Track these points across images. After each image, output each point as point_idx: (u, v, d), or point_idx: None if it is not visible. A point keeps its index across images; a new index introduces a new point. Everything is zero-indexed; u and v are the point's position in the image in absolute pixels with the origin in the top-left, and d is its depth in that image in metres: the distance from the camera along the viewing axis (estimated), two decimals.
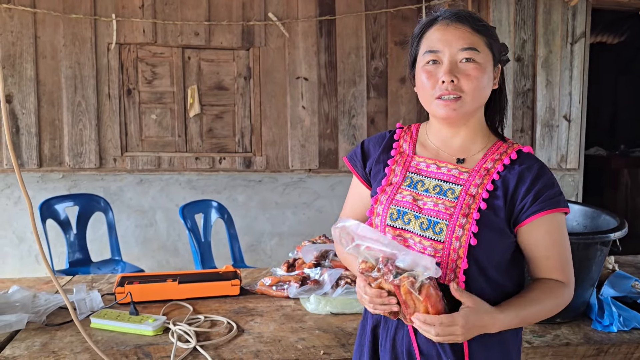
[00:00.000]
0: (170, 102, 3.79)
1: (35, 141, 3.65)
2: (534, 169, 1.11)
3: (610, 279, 1.83)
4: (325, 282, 1.80)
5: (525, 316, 1.08)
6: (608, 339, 1.54)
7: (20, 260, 3.72)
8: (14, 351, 1.41)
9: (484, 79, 1.09)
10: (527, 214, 1.08)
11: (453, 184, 1.12)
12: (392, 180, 1.18)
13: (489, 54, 1.10)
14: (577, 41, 4.02)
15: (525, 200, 1.09)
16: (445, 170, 1.15)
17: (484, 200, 1.09)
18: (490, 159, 1.15)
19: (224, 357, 1.40)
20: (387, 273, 1.00)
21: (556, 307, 1.11)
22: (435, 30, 1.10)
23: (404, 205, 1.13)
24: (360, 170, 1.26)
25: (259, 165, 3.86)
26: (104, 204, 3.41)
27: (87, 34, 3.64)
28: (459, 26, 1.08)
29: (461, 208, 1.09)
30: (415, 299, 1.00)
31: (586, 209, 1.87)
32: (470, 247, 1.06)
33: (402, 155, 1.21)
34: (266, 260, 3.91)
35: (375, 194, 1.19)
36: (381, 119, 3.96)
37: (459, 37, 1.08)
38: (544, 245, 1.11)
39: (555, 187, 1.11)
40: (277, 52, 3.83)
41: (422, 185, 1.15)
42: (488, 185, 1.11)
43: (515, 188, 1.10)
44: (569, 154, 4.09)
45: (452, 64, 1.08)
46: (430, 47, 1.10)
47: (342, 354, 1.43)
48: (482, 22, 1.12)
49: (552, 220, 1.10)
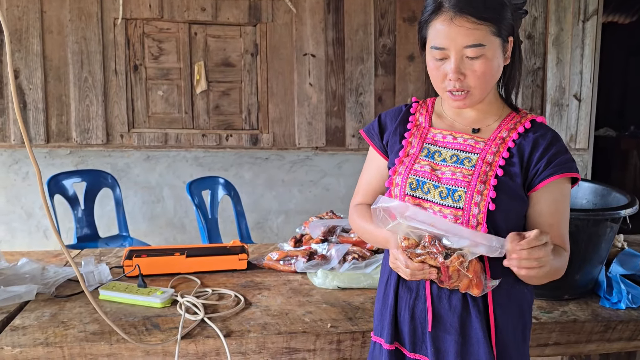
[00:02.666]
0: (177, 79, 3.77)
1: (43, 117, 3.65)
2: (548, 136, 1.15)
3: (619, 256, 1.82)
4: (333, 257, 1.80)
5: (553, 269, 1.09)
6: (616, 315, 1.54)
7: (29, 235, 3.75)
8: (23, 321, 1.42)
9: (492, 69, 1.10)
10: (541, 177, 1.12)
11: (470, 153, 1.15)
12: (409, 152, 1.20)
13: (497, 40, 1.08)
14: (589, 19, 3.95)
15: (540, 165, 1.12)
16: (462, 140, 1.17)
17: (501, 167, 1.12)
18: (505, 128, 1.17)
19: (232, 329, 1.40)
20: (436, 253, 1.03)
21: (561, 269, 1.13)
22: (441, 22, 1.08)
23: (423, 174, 1.15)
24: (378, 143, 1.27)
25: (265, 142, 3.85)
26: (111, 180, 3.42)
27: (93, 8, 3.60)
28: (462, 20, 1.05)
29: (479, 175, 1.11)
30: (463, 275, 1.03)
31: (596, 186, 1.86)
32: (489, 212, 1.09)
33: (418, 127, 1.23)
34: (273, 238, 3.92)
35: (392, 165, 1.21)
36: (389, 96, 3.93)
37: (463, 34, 1.06)
38: (549, 213, 1.13)
39: (568, 154, 1.14)
40: (284, 28, 3.78)
41: (439, 155, 1.17)
42: (504, 153, 1.14)
43: (530, 154, 1.13)
44: (578, 134, 4.06)
45: (459, 60, 1.08)
46: (436, 42, 1.09)
47: (349, 327, 1.43)
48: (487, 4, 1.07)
49: (561, 187, 1.13)
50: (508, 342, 1.13)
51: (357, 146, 3.91)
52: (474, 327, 1.11)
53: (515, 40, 1.14)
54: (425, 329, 1.15)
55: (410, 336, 1.17)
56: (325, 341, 1.40)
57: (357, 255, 1.80)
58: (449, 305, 1.13)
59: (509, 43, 1.13)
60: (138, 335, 1.36)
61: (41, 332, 1.36)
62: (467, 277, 1.04)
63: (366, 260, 1.80)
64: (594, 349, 1.55)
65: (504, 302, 1.13)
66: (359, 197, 1.33)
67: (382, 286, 1.25)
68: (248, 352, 1.38)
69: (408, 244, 1.06)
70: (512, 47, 1.14)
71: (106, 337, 1.34)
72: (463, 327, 1.12)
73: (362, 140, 3.88)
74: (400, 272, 1.10)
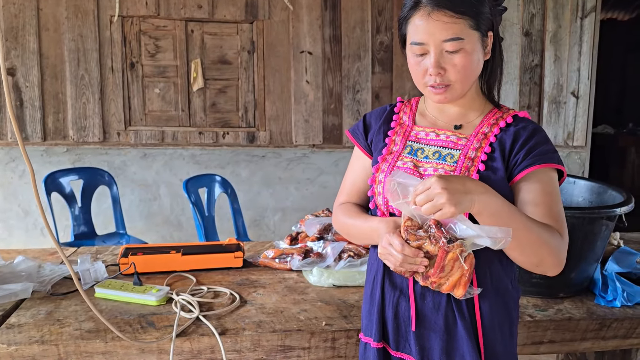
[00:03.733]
0: (174, 76, 3.76)
1: (39, 115, 3.64)
2: (529, 128, 1.15)
3: (614, 254, 1.83)
4: (328, 254, 1.80)
5: (512, 215, 1.03)
6: (611, 313, 1.54)
7: (26, 233, 3.75)
8: (19, 319, 1.42)
9: (472, 63, 1.10)
10: (520, 167, 1.11)
11: (452, 150, 1.16)
12: (392, 149, 1.21)
13: (476, 33, 1.09)
14: (587, 15, 3.94)
15: (519, 155, 1.11)
16: (444, 137, 1.18)
17: (483, 162, 1.12)
18: (487, 123, 1.18)
19: (227, 327, 1.40)
20: (439, 236, 1.01)
21: (548, 243, 1.05)
22: (419, 17, 1.09)
23: (405, 171, 1.15)
24: (363, 142, 1.29)
25: (262, 140, 3.85)
26: (108, 177, 3.41)
27: (90, 6, 3.59)
28: (440, 15, 1.06)
29: (460, 170, 1.11)
30: (458, 266, 1.01)
31: (592, 184, 1.86)
32: None
33: (402, 126, 1.24)
34: (269, 235, 3.92)
35: (376, 162, 1.22)
36: (386, 94, 3.92)
37: (441, 28, 1.06)
38: (533, 194, 1.09)
39: (549, 145, 1.13)
40: (281, 25, 3.78)
41: (422, 153, 1.18)
42: (486, 148, 1.14)
43: (511, 146, 1.13)
44: (576, 131, 4.05)
45: (438, 54, 1.08)
46: (415, 38, 1.10)
47: (344, 325, 1.43)
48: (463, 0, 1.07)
49: (544, 175, 1.11)
50: (494, 338, 1.13)
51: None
52: (459, 324, 1.11)
53: (495, 36, 1.15)
54: (408, 327, 1.14)
55: (394, 334, 1.17)
56: (320, 339, 1.41)
57: (352, 253, 1.80)
58: (433, 303, 1.12)
59: (488, 38, 1.13)
60: (133, 333, 1.36)
61: (37, 330, 1.36)
62: (460, 271, 1.02)
63: (362, 258, 1.80)
64: (589, 347, 1.55)
65: (490, 298, 1.12)
66: (343, 196, 1.33)
67: (368, 285, 1.24)
68: (243, 350, 1.38)
69: (411, 224, 1.04)
70: (492, 42, 1.14)
71: (101, 335, 1.34)
72: (448, 324, 1.11)
73: None
74: (389, 261, 1.07)
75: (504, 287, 1.15)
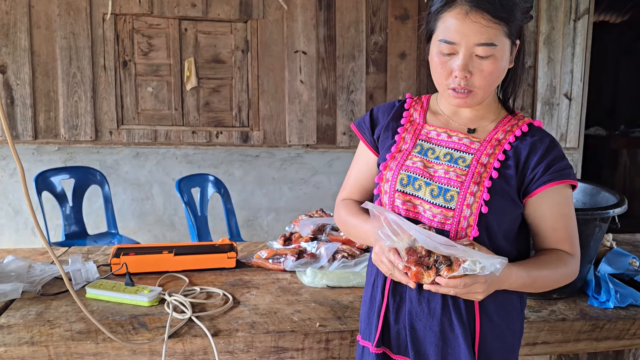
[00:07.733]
0: (167, 75, 3.74)
1: (30, 113, 3.61)
2: (546, 141, 1.12)
3: (607, 256, 1.83)
4: (322, 255, 1.79)
5: (536, 277, 1.09)
6: (604, 315, 1.54)
7: (17, 233, 3.71)
8: (9, 320, 1.40)
9: (499, 71, 1.07)
10: (538, 183, 1.09)
11: (464, 153, 1.13)
12: (401, 147, 1.18)
13: (507, 41, 1.06)
14: (580, 17, 3.96)
15: (537, 170, 1.09)
16: (456, 139, 1.15)
17: (496, 169, 1.10)
18: (502, 130, 1.15)
19: (220, 328, 1.39)
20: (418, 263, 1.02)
21: (565, 277, 1.12)
22: (454, 15, 1.04)
23: (414, 170, 1.12)
24: (369, 137, 1.25)
25: (256, 140, 3.83)
26: (100, 177, 3.39)
27: (82, 3, 3.56)
28: (478, 16, 1.02)
29: (472, 176, 1.09)
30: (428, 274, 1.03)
31: (585, 185, 1.86)
32: (481, 214, 1.07)
33: (412, 123, 1.20)
34: (263, 236, 3.91)
35: (383, 160, 1.18)
36: (380, 94, 3.92)
37: (476, 31, 1.02)
38: (552, 217, 1.11)
39: (566, 160, 1.12)
40: (275, 24, 3.76)
41: (432, 153, 1.15)
42: (500, 155, 1.11)
43: (527, 158, 1.11)
44: (568, 133, 4.07)
45: (467, 57, 1.05)
46: (446, 36, 1.05)
47: (337, 326, 1.42)
48: (503, 3, 1.03)
49: (561, 192, 1.11)
50: (493, 349, 1.12)
51: (348, 144, 3.90)
52: (456, 332, 1.10)
53: (521, 44, 1.12)
54: (407, 331, 1.14)
55: (395, 339, 1.16)
56: (313, 340, 1.40)
57: (346, 254, 1.79)
58: (428, 309, 1.11)
59: (515, 46, 1.10)
60: (125, 334, 1.34)
61: (26, 331, 1.34)
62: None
63: (355, 258, 1.79)
64: (582, 348, 1.55)
65: (491, 308, 1.11)
66: (345, 192, 1.31)
67: (368, 288, 1.23)
68: (236, 352, 1.37)
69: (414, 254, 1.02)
70: (517, 50, 1.12)
71: (92, 336, 1.32)
72: (443, 330, 1.11)
73: (353, 138, 3.87)
74: (381, 268, 1.08)
75: (507, 296, 1.14)
